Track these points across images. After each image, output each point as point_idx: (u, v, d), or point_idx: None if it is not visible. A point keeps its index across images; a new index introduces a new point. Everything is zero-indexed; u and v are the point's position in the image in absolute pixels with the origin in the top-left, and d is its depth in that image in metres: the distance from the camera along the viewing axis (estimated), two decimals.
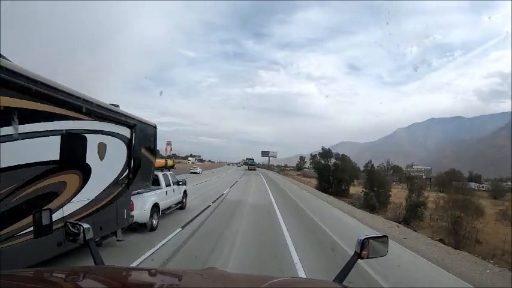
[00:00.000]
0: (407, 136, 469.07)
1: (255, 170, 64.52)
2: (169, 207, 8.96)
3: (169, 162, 10.49)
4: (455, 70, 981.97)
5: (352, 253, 1.41)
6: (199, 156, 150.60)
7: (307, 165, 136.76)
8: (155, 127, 7.19)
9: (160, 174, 8.67)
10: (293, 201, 16.08)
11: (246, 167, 70.19)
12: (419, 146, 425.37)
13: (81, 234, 1.45)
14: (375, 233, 4.74)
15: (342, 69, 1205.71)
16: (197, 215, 9.39)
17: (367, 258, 1.40)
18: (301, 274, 4.76)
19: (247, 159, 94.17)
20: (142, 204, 6.86)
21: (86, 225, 1.45)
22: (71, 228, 1.51)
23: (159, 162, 9.16)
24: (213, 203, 12.44)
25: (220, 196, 14.89)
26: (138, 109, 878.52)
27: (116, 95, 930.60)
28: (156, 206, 7.39)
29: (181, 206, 10.19)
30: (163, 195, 8.35)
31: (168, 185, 8.85)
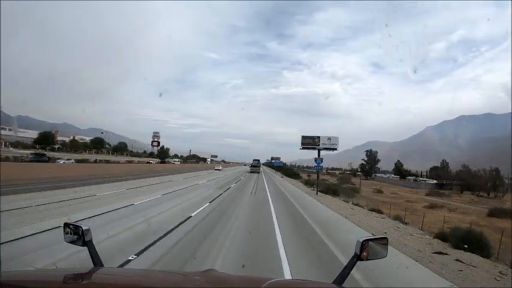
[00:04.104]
0: (437, 134, 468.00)
1: (258, 172, 56.74)
2: None
3: None
4: (482, 66, 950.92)
5: None
6: (216, 156, 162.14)
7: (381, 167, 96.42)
8: None
9: None
10: None
11: (256, 168, 62.17)
12: (450, 144, 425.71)
13: (81, 236, 1.44)
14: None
15: (366, 68, 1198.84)
16: None
17: (367, 260, 1.39)
18: None
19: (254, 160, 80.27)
20: None
21: (85, 227, 1.45)
22: (70, 229, 1.49)
23: None
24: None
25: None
26: (163, 111, 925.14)
27: (141, 98, 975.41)
28: None
29: None
30: None
31: None
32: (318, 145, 51.39)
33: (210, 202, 13.10)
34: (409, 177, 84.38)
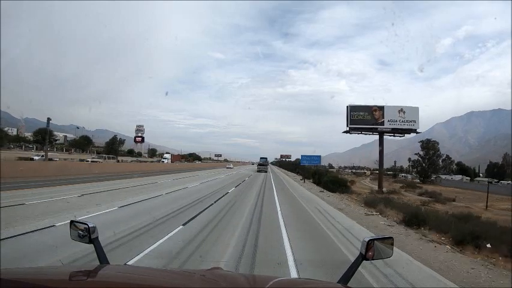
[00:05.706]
0: (446, 131, 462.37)
1: (266, 171, 51.90)
2: None
3: None
4: (489, 61, 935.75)
5: None
6: (220, 155, 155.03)
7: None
8: None
9: None
10: None
11: (263, 167, 56.79)
12: (460, 141, 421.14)
13: (87, 233, 1.45)
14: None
15: (372, 65, 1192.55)
16: None
17: (372, 259, 1.38)
18: None
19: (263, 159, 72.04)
20: None
21: (91, 224, 1.46)
22: (76, 227, 1.50)
23: None
24: None
25: None
26: (171, 112, 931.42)
27: (149, 99, 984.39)
28: None
29: None
30: None
31: None
32: (382, 124, 24.69)
33: None
34: (477, 179, 66.02)
